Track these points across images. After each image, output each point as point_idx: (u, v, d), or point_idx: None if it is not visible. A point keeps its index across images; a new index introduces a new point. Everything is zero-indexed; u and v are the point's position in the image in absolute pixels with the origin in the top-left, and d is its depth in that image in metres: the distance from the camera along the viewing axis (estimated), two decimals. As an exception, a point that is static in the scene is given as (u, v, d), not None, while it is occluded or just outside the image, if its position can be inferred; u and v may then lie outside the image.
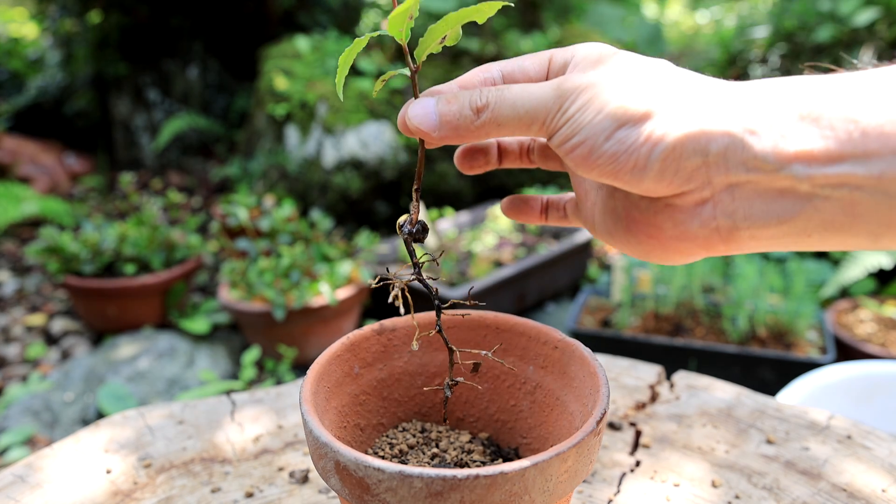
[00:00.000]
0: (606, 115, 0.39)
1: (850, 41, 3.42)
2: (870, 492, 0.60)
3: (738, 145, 0.37)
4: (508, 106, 0.42)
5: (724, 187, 0.39)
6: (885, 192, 0.35)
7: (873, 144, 0.35)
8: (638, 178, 0.40)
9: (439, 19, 0.44)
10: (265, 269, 2.23)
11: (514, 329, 0.56)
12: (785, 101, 0.38)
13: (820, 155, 0.36)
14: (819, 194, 0.37)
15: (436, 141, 0.44)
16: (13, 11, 5.27)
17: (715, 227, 0.40)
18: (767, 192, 0.38)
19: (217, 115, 4.20)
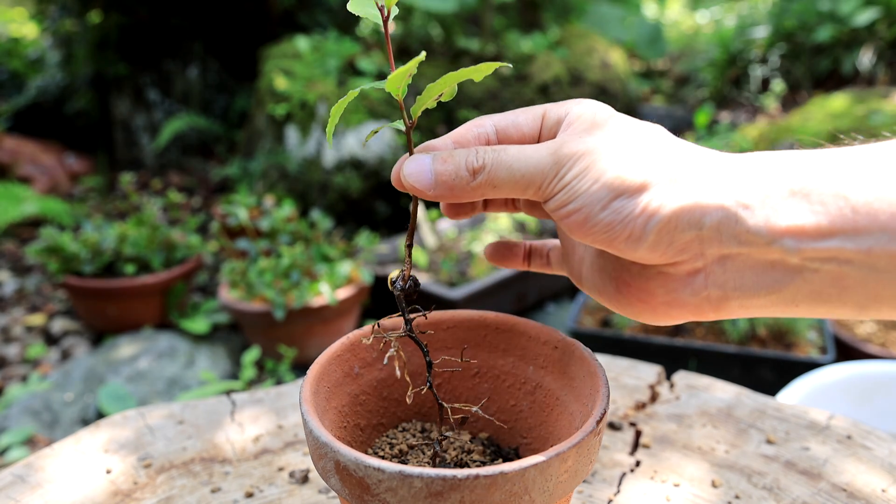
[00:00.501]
0: (603, 184, 0.40)
1: (850, 41, 3.42)
2: (870, 492, 0.60)
3: (732, 219, 0.38)
4: (505, 169, 0.41)
5: (716, 259, 0.40)
6: (872, 266, 0.36)
7: (862, 220, 0.36)
8: (632, 247, 0.40)
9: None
10: (265, 269, 2.23)
11: (514, 329, 0.56)
12: (777, 176, 0.39)
13: (810, 230, 0.37)
14: (808, 267, 0.38)
15: (430, 198, 0.44)
16: (13, 11, 5.27)
17: (706, 296, 0.41)
18: (758, 265, 0.39)
19: (217, 115, 4.20)
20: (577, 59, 3.54)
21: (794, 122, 2.86)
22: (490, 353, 0.57)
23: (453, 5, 3.13)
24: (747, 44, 3.89)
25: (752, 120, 3.60)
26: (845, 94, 2.93)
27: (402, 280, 0.48)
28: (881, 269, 0.36)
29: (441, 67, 3.23)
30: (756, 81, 3.81)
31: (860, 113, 2.69)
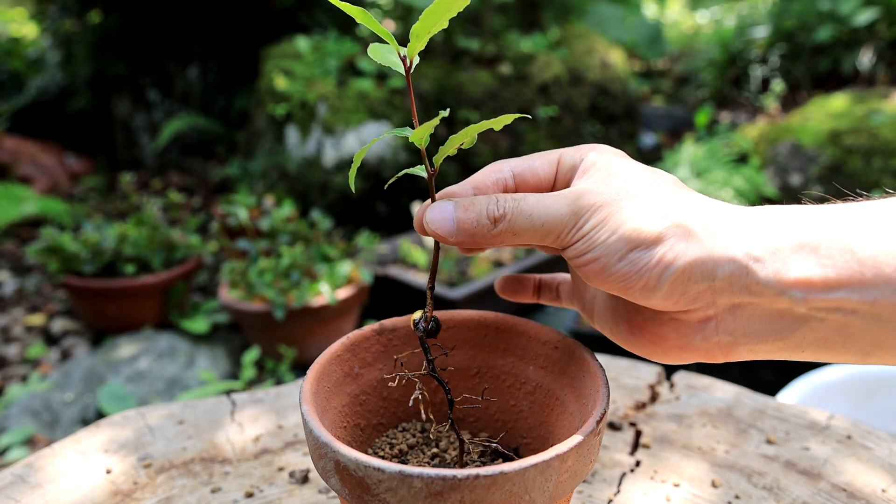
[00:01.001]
0: (620, 236, 0.41)
1: (850, 41, 3.42)
2: (870, 492, 0.60)
3: (743, 271, 0.40)
4: (525, 218, 0.43)
5: (727, 307, 0.42)
6: (877, 316, 0.38)
7: (868, 273, 0.38)
8: (647, 295, 0.42)
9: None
10: (265, 269, 2.23)
11: (514, 329, 0.56)
12: (786, 230, 0.41)
13: (818, 282, 0.39)
14: (815, 316, 0.40)
15: (452, 244, 0.45)
16: (13, 11, 5.27)
17: (716, 342, 0.43)
18: (767, 313, 0.41)
19: (217, 115, 4.20)
20: (577, 59, 3.54)
21: (794, 122, 2.86)
22: (490, 353, 0.57)
23: (453, 5, 3.13)
24: (747, 44, 3.89)
25: (752, 120, 3.61)
26: (845, 94, 2.93)
27: (425, 321, 0.49)
28: (885, 319, 0.38)
29: (441, 67, 3.23)
30: (756, 81, 3.81)
31: (860, 113, 2.69)
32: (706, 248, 0.41)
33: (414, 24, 0.42)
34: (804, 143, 2.70)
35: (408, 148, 2.98)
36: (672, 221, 0.41)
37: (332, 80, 3.14)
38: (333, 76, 3.17)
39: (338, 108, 3.01)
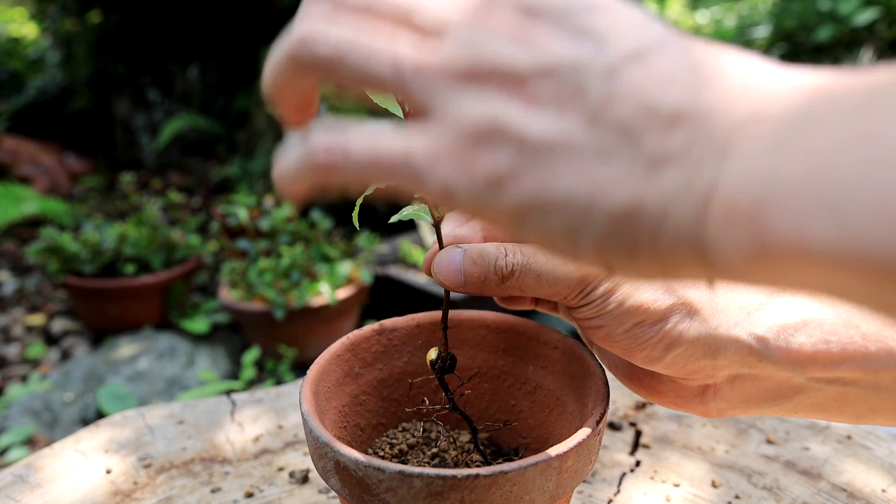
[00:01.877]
0: (626, 309, 0.41)
1: (850, 41, 3.42)
2: (870, 492, 0.60)
3: (745, 351, 0.41)
4: (533, 278, 0.43)
5: (727, 378, 0.43)
6: (876, 386, 0.39)
7: (872, 347, 0.38)
8: (649, 364, 0.43)
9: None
10: (265, 269, 2.23)
11: (514, 329, 0.56)
12: (791, 308, 0.41)
13: (822, 358, 0.39)
14: (813, 386, 0.41)
15: (459, 293, 0.46)
16: (13, 11, 5.27)
17: (714, 406, 0.44)
18: (765, 384, 0.43)
19: (217, 115, 4.20)
20: (577, 59, 3.53)
21: (794, 122, 2.85)
22: (490, 353, 0.57)
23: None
24: (747, 44, 3.89)
25: (752, 120, 3.61)
26: (845, 94, 2.93)
27: (441, 361, 0.50)
28: (884, 388, 0.39)
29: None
30: (756, 81, 3.81)
31: (860, 113, 2.69)
32: (710, 327, 0.41)
33: None
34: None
35: (408, 148, 2.98)
36: (678, 298, 0.42)
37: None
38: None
39: (338, 108, 3.02)
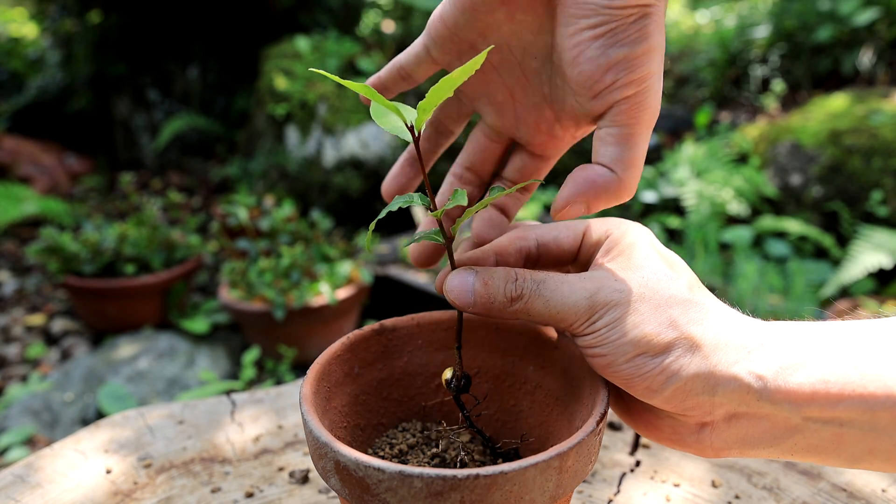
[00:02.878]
0: (630, 340, 0.42)
1: (850, 41, 3.42)
2: (870, 492, 0.60)
3: (744, 389, 0.41)
4: (542, 303, 0.44)
5: (724, 416, 0.43)
6: (873, 425, 0.39)
7: (871, 387, 0.39)
8: (648, 397, 0.43)
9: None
10: (265, 269, 2.23)
11: (514, 329, 0.56)
12: (792, 346, 0.41)
13: (820, 397, 0.40)
14: (810, 427, 0.41)
15: (469, 312, 0.47)
16: (13, 11, 5.27)
17: (709, 444, 0.44)
18: (762, 423, 0.42)
19: (217, 115, 4.20)
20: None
21: (794, 122, 2.86)
22: (490, 353, 0.57)
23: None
24: (747, 44, 3.89)
25: (752, 120, 3.61)
26: (845, 94, 2.93)
27: (457, 380, 0.50)
28: (881, 428, 0.39)
29: (441, 67, 3.23)
30: (756, 81, 3.81)
31: (860, 113, 2.69)
32: (710, 363, 0.41)
33: (421, 101, 0.41)
34: (804, 143, 2.70)
35: (408, 148, 2.98)
36: (680, 332, 0.42)
37: (332, 80, 3.14)
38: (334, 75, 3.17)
39: (338, 108, 3.01)
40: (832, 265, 2.43)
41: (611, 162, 0.43)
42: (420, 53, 0.48)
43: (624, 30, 0.40)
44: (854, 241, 2.35)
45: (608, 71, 0.41)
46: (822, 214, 2.62)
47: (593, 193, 0.44)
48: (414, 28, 3.52)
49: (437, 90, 0.40)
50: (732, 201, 2.63)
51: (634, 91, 0.41)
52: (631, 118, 0.42)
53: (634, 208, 3.05)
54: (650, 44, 0.41)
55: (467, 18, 0.44)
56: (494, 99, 0.50)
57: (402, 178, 0.55)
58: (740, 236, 2.48)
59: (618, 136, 0.42)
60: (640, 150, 0.43)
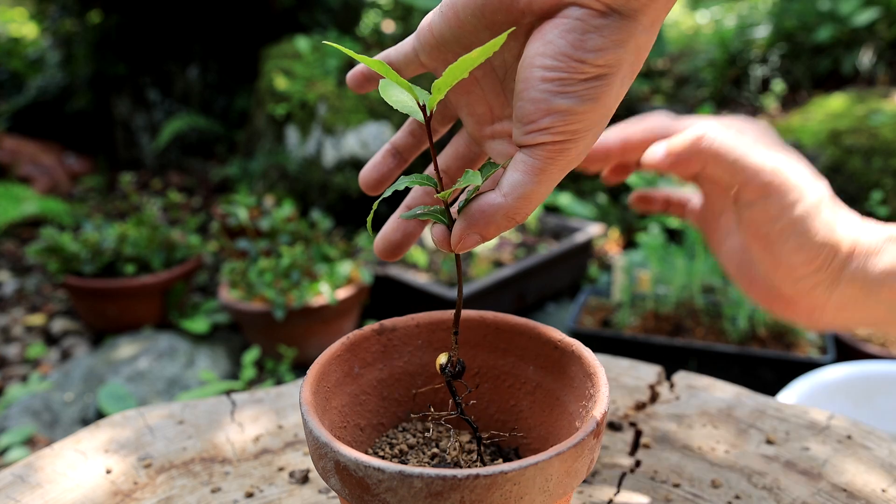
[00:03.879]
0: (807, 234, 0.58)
1: (850, 41, 3.42)
2: (870, 492, 0.60)
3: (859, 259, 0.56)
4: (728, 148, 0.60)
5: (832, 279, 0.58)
6: None
7: None
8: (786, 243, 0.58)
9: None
10: (265, 269, 2.23)
11: (514, 329, 0.56)
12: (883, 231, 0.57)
13: None
14: None
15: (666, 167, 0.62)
16: (13, 11, 5.27)
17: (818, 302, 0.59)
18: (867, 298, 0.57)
19: (217, 115, 4.20)
20: (577, 59, 3.53)
21: (794, 122, 2.86)
22: (490, 353, 0.57)
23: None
24: (747, 44, 3.89)
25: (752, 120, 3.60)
26: (845, 94, 2.93)
27: (451, 366, 0.50)
28: None
29: (441, 67, 3.23)
30: (756, 81, 3.81)
31: (860, 113, 2.69)
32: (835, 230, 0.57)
33: (436, 80, 0.41)
34: (804, 143, 2.70)
35: (408, 148, 2.97)
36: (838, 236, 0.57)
37: (332, 80, 3.14)
38: (333, 76, 3.18)
39: (338, 108, 3.01)
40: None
41: (509, 188, 0.43)
42: (409, 54, 0.48)
43: (574, 83, 0.40)
44: (854, 241, 2.35)
45: (547, 115, 0.40)
46: (822, 214, 2.62)
47: (483, 223, 0.44)
48: (414, 28, 3.52)
49: (453, 70, 0.40)
50: (732, 201, 2.63)
51: (565, 139, 0.41)
52: (550, 157, 0.42)
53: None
54: (596, 104, 0.41)
55: (454, 34, 0.44)
56: (474, 111, 0.50)
57: (382, 167, 0.54)
58: (740, 236, 2.48)
59: (530, 166, 0.42)
60: (543, 187, 0.43)
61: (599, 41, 0.39)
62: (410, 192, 0.54)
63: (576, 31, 0.39)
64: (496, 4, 0.41)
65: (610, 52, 0.39)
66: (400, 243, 0.54)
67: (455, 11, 0.43)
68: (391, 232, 0.54)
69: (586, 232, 2.71)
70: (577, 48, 0.39)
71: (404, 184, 0.45)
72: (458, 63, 0.39)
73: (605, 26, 0.39)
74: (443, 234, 0.46)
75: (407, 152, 0.55)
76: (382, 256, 0.55)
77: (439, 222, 0.46)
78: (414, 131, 0.54)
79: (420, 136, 0.54)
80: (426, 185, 0.45)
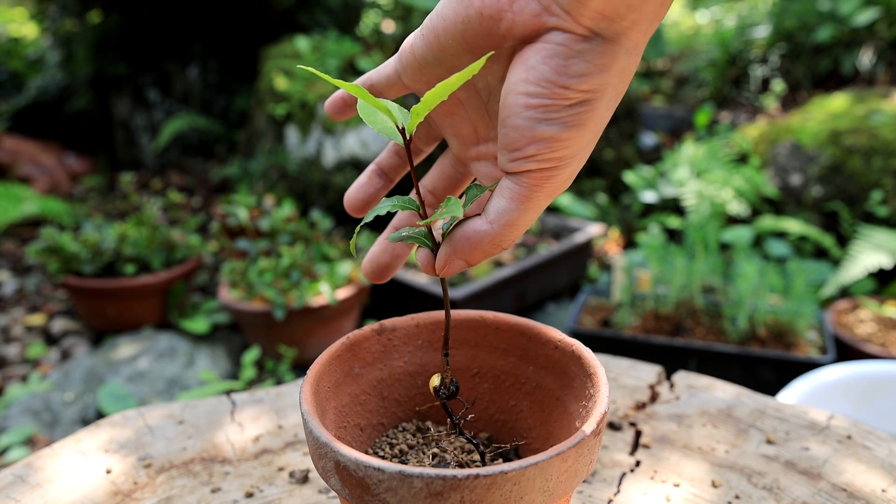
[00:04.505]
0: None
1: (850, 41, 3.42)
2: (870, 492, 0.60)
3: None
4: None
5: None
6: None
7: None
8: None
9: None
10: (265, 269, 2.23)
11: (514, 329, 0.56)
12: None
13: None
14: None
15: None
16: (13, 11, 5.28)
17: None
18: None
19: (217, 115, 4.20)
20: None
21: (794, 122, 2.86)
22: (490, 353, 0.57)
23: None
24: (747, 44, 3.90)
25: (752, 120, 3.61)
26: (845, 94, 2.93)
27: (445, 388, 0.50)
28: None
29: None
30: (756, 81, 3.81)
31: (860, 113, 2.69)
32: None
33: (415, 105, 0.41)
34: (804, 143, 2.70)
35: (408, 148, 2.97)
36: None
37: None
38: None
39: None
40: (832, 265, 2.43)
41: (495, 214, 0.43)
42: (391, 76, 0.48)
43: (557, 110, 0.39)
44: (854, 241, 2.35)
45: (532, 143, 0.40)
46: (822, 214, 2.62)
47: (468, 249, 0.44)
48: (413, 28, 3.52)
49: (432, 95, 0.40)
50: (732, 201, 2.63)
51: (551, 166, 0.41)
52: (536, 185, 0.42)
53: (634, 208, 3.05)
54: (581, 130, 0.40)
55: (435, 56, 0.44)
56: (459, 132, 0.50)
57: (369, 188, 0.54)
58: (740, 236, 2.48)
59: (516, 193, 0.42)
60: (529, 214, 0.43)
61: (583, 66, 0.38)
62: (397, 213, 0.53)
63: (558, 56, 0.39)
64: (477, 29, 0.41)
65: (594, 77, 0.39)
66: (388, 265, 0.54)
67: (436, 35, 0.43)
68: (379, 254, 0.54)
69: (586, 232, 2.71)
70: (561, 74, 0.39)
71: (386, 208, 0.45)
72: (437, 88, 0.39)
73: (588, 51, 0.38)
74: (427, 259, 0.46)
75: (393, 172, 0.54)
76: (371, 279, 0.54)
77: (424, 246, 0.46)
78: (399, 151, 0.54)
79: (405, 155, 0.54)
80: (408, 209, 0.45)
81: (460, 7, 0.41)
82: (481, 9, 0.40)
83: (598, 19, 0.37)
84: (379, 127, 0.44)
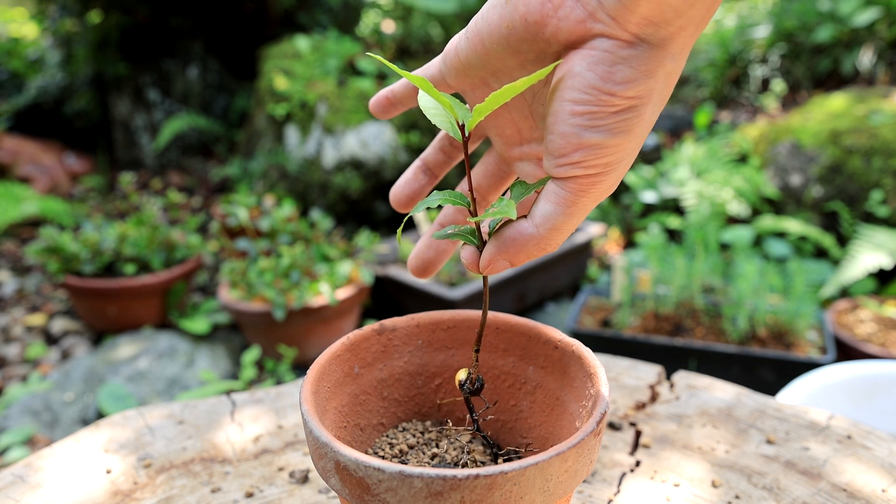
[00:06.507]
0: None
1: (850, 41, 3.42)
2: (870, 492, 0.60)
3: None
4: None
5: None
6: None
7: None
8: None
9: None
10: (265, 269, 2.23)
11: (514, 329, 0.56)
12: None
13: None
14: None
15: None
16: (13, 11, 5.27)
17: None
18: None
19: (217, 115, 4.20)
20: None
21: (794, 122, 2.86)
22: (490, 353, 0.57)
23: (454, 6, 3.13)
24: (747, 44, 3.89)
25: (752, 120, 3.61)
26: (845, 94, 2.93)
27: (470, 382, 0.50)
28: None
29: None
30: (756, 81, 3.81)
31: (860, 113, 2.69)
32: None
33: (478, 104, 0.41)
34: (804, 143, 2.70)
35: (408, 148, 2.97)
36: None
37: (333, 80, 3.14)
38: (333, 76, 3.17)
39: (338, 107, 3.01)
40: (832, 265, 2.43)
41: (541, 218, 0.43)
42: (435, 76, 0.48)
43: (604, 117, 0.39)
44: (854, 241, 2.35)
45: (578, 150, 0.40)
46: (822, 214, 2.62)
47: (514, 251, 0.44)
48: (414, 28, 3.52)
49: (497, 96, 0.40)
50: (732, 201, 2.63)
51: (597, 172, 0.41)
52: (582, 190, 0.42)
53: (634, 208, 3.05)
54: (627, 136, 0.40)
55: (479, 59, 0.44)
56: (503, 132, 0.50)
57: (414, 184, 0.55)
58: (740, 236, 2.48)
59: (562, 198, 0.42)
60: (574, 219, 0.43)
61: (628, 73, 0.38)
62: (443, 210, 0.54)
63: (604, 62, 0.38)
64: (521, 34, 0.41)
65: (640, 84, 0.39)
66: (433, 261, 0.55)
67: (481, 38, 0.43)
68: (424, 250, 0.55)
69: (586, 232, 2.71)
70: (606, 80, 0.38)
71: (437, 201, 0.45)
72: (502, 91, 0.40)
73: (633, 57, 0.38)
74: (472, 257, 0.46)
75: (437, 168, 0.55)
76: (416, 274, 0.55)
77: (469, 243, 0.46)
78: (444, 147, 0.54)
79: (450, 152, 0.54)
80: (459, 204, 0.46)
81: (505, 12, 0.41)
82: (526, 14, 0.40)
83: (644, 25, 0.37)
84: (439, 122, 0.45)
